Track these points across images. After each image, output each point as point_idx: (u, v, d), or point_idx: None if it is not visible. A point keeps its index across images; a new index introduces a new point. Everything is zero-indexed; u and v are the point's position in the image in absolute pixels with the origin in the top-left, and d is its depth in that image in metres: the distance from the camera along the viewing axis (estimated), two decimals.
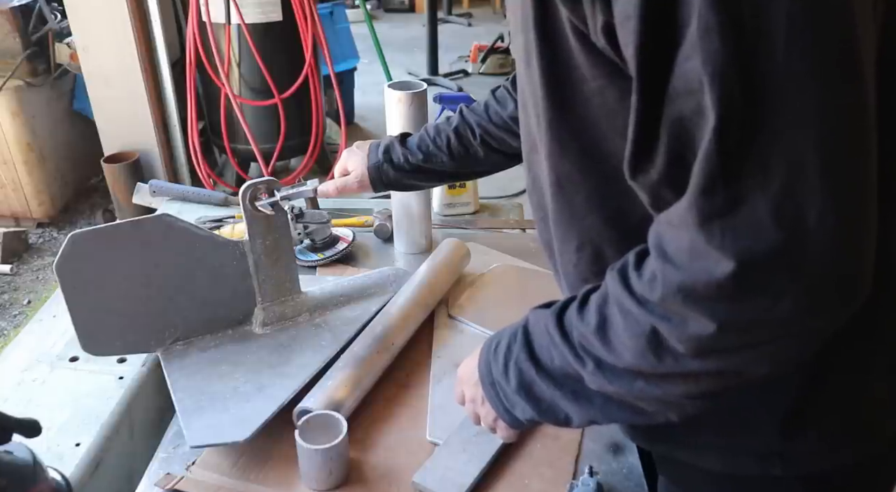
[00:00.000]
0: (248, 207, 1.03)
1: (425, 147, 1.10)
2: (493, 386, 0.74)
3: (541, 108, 0.65)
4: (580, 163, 0.66)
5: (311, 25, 2.75)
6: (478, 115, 1.10)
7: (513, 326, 0.74)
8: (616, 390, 0.63)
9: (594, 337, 0.61)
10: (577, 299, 0.65)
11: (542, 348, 0.68)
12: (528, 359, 0.69)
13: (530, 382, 0.69)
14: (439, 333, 1.14)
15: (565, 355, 0.64)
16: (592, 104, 0.61)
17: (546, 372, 0.68)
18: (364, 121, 4.51)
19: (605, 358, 0.61)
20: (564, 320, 0.65)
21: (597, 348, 0.61)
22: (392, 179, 1.12)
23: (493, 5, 7.66)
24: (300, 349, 1.04)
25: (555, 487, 0.87)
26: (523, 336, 0.70)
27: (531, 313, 0.71)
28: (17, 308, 2.76)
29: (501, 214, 1.59)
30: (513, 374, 0.70)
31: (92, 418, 0.99)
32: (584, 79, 0.59)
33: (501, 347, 0.73)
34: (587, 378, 0.64)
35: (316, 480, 0.86)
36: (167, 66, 2.89)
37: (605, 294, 0.61)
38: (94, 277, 0.95)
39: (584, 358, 0.63)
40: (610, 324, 0.59)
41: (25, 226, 3.24)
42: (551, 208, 0.73)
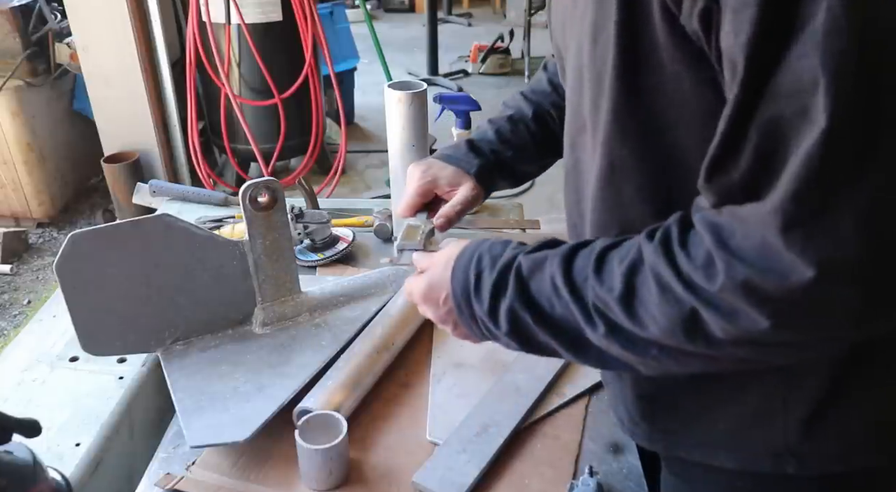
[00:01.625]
0: (248, 206, 1.03)
1: (510, 143, 1.01)
2: (475, 319, 0.71)
3: (606, 89, 0.62)
4: (639, 151, 0.64)
5: (311, 25, 2.74)
6: (548, 96, 1.03)
7: (491, 254, 0.70)
8: (623, 354, 0.61)
9: (617, 304, 0.58)
10: (592, 256, 0.62)
11: (540, 295, 0.65)
12: (523, 306, 0.65)
13: (525, 328, 0.66)
14: (439, 333, 1.14)
15: (571, 310, 0.62)
16: (665, 90, 0.59)
17: (544, 320, 0.65)
18: (364, 121, 4.51)
19: (624, 325, 0.59)
20: (574, 273, 0.62)
21: (616, 315, 0.59)
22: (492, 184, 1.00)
23: (493, 5, 7.66)
24: (300, 349, 1.04)
25: (555, 487, 0.87)
26: (517, 282, 0.66)
27: (524, 259, 0.67)
28: (17, 308, 2.76)
29: (501, 214, 1.59)
30: (504, 318, 0.67)
31: (92, 418, 0.99)
32: (662, 63, 0.57)
33: (485, 283, 0.69)
34: (592, 337, 0.62)
35: (316, 480, 0.86)
36: (167, 66, 2.89)
37: (636, 261, 0.58)
38: (94, 277, 0.95)
39: (596, 320, 0.61)
40: (639, 295, 0.57)
41: (25, 226, 3.24)
42: (593, 194, 0.71)
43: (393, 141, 1.26)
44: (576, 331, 0.63)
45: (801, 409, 0.70)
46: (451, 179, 0.98)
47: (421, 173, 0.99)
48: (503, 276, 0.67)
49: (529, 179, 1.12)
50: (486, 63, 5.48)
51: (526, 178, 1.08)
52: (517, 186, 1.09)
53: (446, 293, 0.73)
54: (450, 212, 0.96)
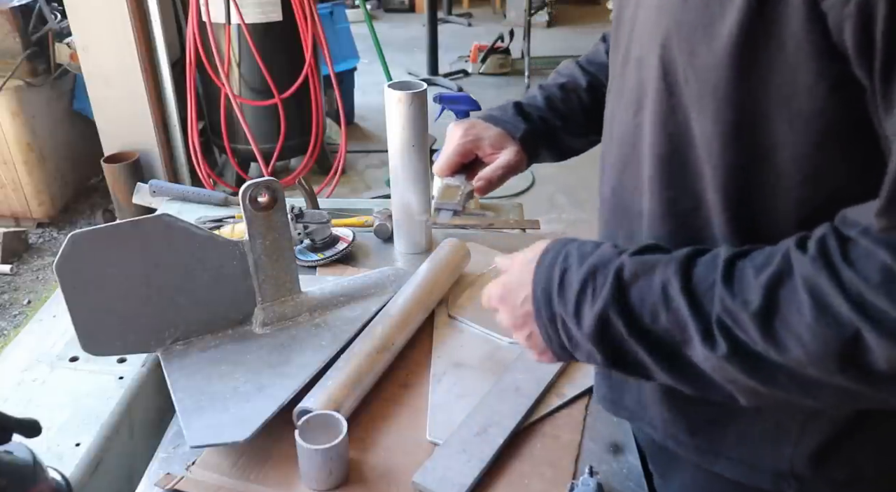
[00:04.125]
0: (248, 206, 1.03)
1: (559, 111, 0.96)
2: (554, 322, 0.65)
3: (711, 78, 0.57)
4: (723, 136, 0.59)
5: (311, 25, 2.74)
6: (605, 68, 0.96)
7: (580, 252, 0.64)
8: (738, 378, 0.55)
9: (752, 320, 0.52)
10: (718, 264, 0.56)
11: (642, 303, 0.58)
12: (618, 313, 0.59)
13: (614, 337, 0.60)
14: (439, 333, 1.14)
15: (682, 323, 0.56)
16: (780, 79, 0.53)
17: (641, 332, 0.59)
18: (364, 121, 4.51)
19: (755, 346, 0.53)
20: (694, 282, 0.56)
21: (748, 333, 0.53)
22: (537, 151, 0.95)
23: (493, 5, 7.67)
24: (300, 349, 1.04)
25: (555, 487, 0.87)
26: (615, 284, 0.60)
27: (628, 260, 0.60)
28: (17, 308, 2.76)
29: (501, 214, 1.59)
30: (590, 322, 0.61)
31: (92, 418, 0.99)
32: (794, 64, 0.52)
33: (571, 284, 0.63)
34: (700, 357, 0.56)
35: (316, 480, 0.86)
36: (167, 66, 2.89)
37: (781, 273, 0.52)
38: (94, 277, 0.95)
39: (717, 337, 0.54)
40: (782, 312, 0.51)
41: (25, 226, 3.24)
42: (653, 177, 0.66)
43: (393, 141, 1.26)
44: (677, 347, 0.58)
45: (816, 436, 0.68)
46: (494, 140, 0.92)
47: (463, 132, 0.93)
48: (593, 276, 0.62)
49: (573, 155, 1.06)
50: (486, 63, 5.48)
51: (570, 153, 1.03)
52: (560, 159, 1.04)
53: (526, 294, 0.67)
54: (491, 175, 0.91)
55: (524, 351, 0.74)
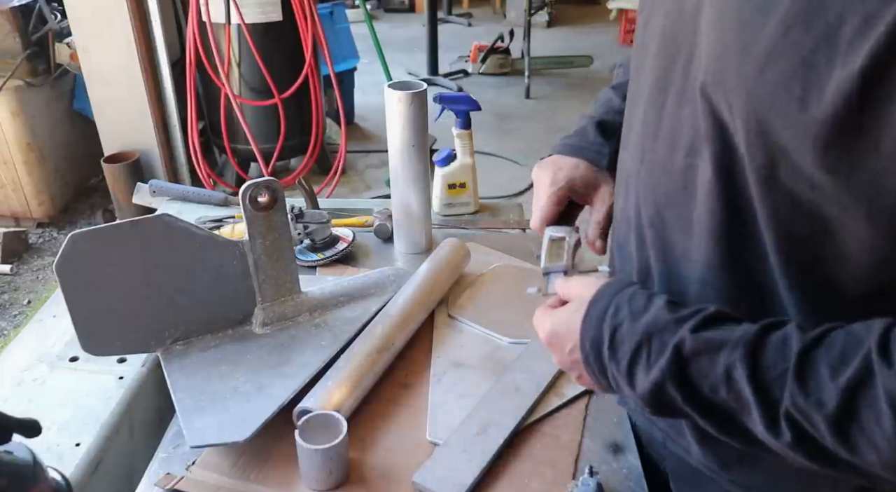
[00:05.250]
0: (248, 206, 1.03)
1: None
2: (604, 373, 0.64)
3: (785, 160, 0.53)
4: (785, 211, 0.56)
5: (311, 25, 2.75)
6: None
7: (631, 308, 0.62)
8: (800, 460, 0.54)
9: (825, 421, 0.50)
10: (791, 354, 0.53)
11: (702, 378, 0.57)
12: (676, 385, 0.58)
13: (669, 402, 0.59)
14: (439, 333, 1.14)
15: (746, 404, 0.54)
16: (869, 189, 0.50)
17: (698, 400, 0.58)
18: (364, 121, 4.51)
19: (825, 443, 0.51)
20: (761, 370, 0.54)
21: (819, 432, 0.51)
22: None
23: (493, 5, 7.67)
24: (300, 349, 1.04)
25: (555, 487, 0.87)
26: (673, 359, 0.58)
27: (690, 339, 0.57)
28: (17, 308, 2.76)
29: (501, 214, 1.59)
30: (643, 387, 0.60)
31: (92, 418, 0.99)
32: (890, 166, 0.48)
33: (623, 344, 0.61)
34: (765, 437, 0.54)
35: (316, 480, 0.86)
36: (167, 66, 2.89)
37: (861, 378, 0.50)
38: (94, 277, 0.95)
39: (784, 428, 0.53)
40: (860, 419, 0.49)
41: (25, 226, 3.24)
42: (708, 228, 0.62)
43: (393, 141, 1.26)
44: (734, 416, 0.56)
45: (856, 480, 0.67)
46: (585, 178, 0.86)
47: (552, 179, 0.87)
48: (648, 341, 0.60)
49: None
50: (486, 63, 5.48)
51: None
52: None
53: (573, 344, 0.66)
54: (601, 220, 0.86)
55: (524, 351, 0.73)
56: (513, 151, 4.09)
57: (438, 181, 1.54)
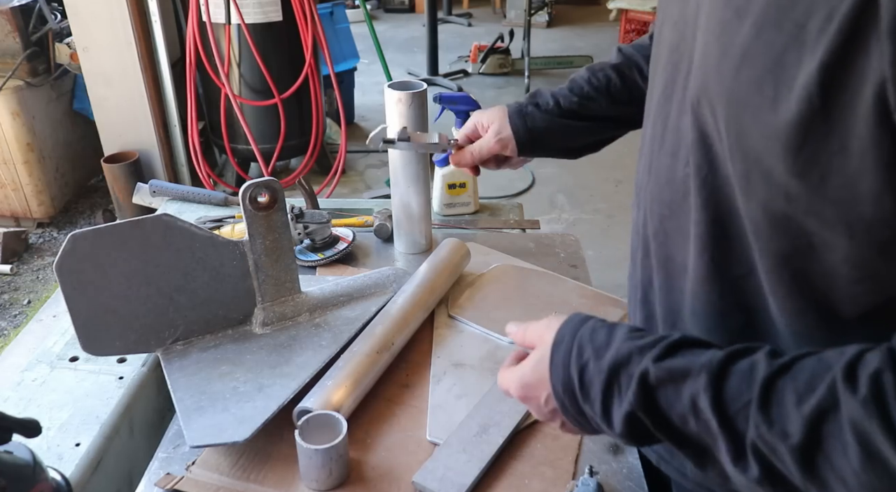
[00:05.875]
0: (248, 206, 1.03)
1: (579, 89, 0.95)
2: (583, 415, 0.63)
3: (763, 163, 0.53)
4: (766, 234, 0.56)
5: (311, 25, 2.75)
6: (647, 50, 0.94)
7: (593, 344, 0.61)
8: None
9: (791, 455, 0.48)
10: (755, 384, 0.50)
11: (670, 408, 0.55)
12: (646, 414, 0.57)
13: (645, 433, 0.58)
14: (439, 333, 1.14)
15: (714, 436, 0.52)
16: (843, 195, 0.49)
17: (670, 431, 0.56)
18: (364, 121, 4.52)
19: (792, 479, 0.49)
20: (726, 400, 0.51)
21: (785, 465, 0.49)
22: (540, 129, 0.95)
23: (493, 5, 7.66)
24: (300, 349, 1.04)
25: (555, 487, 0.87)
26: (640, 390, 0.56)
27: (654, 369, 0.56)
28: (17, 308, 2.76)
29: (501, 214, 1.59)
30: (620, 422, 0.58)
31: (92, 418, 0.99)
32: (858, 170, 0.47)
33: (593, 384, 0.60)
34: (733, 473, 0.52)
35: (316, 480, 0.86)
36: (167, 66, 2.89)
37: (825, 408, 0.47)
38: (94, 277, 0.95)
39: (750, 461, 0.50)
40: (826, 451, 0.47)
41: (25, 226, 3.24)
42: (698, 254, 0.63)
43: None
44: (708, 449, 0.54)
45: None
46: (490, 115, 0.97)
47: (474, 114, 1.02)
48: (616, 376, 0.58)
49: (598, 137, 1.02)
50: (486, 63, 5.48)
51: (594, 132, 1.00)
52: (569, 154, 1.02)
53: (547, 393, 0.64)
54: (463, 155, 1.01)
55: None
56: None
57: (438, 181, 1.54)
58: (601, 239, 3.21)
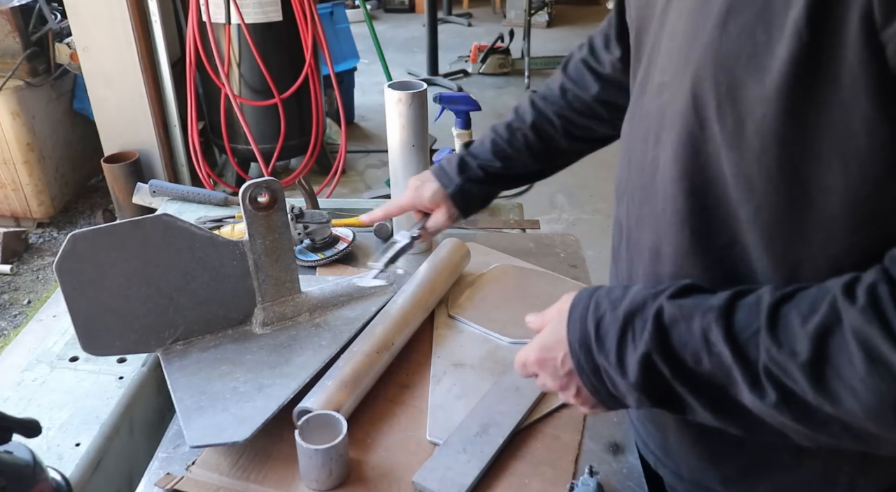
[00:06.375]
0: (248, 206, 1.03)
1: (502, 152, 1.01)
2: (598, 373, 0.63)
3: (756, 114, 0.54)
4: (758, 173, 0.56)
5: (311, 25, 2.75)
6: (555, 104, 0.99)
7: (610, 298, 0.62)
8: (791, 425, 0.54)
9: (801, 371, 0.50)
10: (762, 310, 0.53)
11: (683, 348, 0.57)
12: (661, 356, 0.58)
13: (660, 381, 0.59)
14: (439, 333, 1.14)
15: (727, 370, 0.54)
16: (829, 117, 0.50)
17: (685, 375, 0.57)
18: (364, 121, 4.51)
19: (806, 396, 0.51)
20: (736, 329, 0.54)
21: (797, 383, 0.51)
22: (478, 197, 1.04)
23: (493, 5, 7.66)
24: (300, 349, 1.04)
25: (555, 487, 0.87)
26: (655, 329, 0.58)
27: (667, 304, 0.58)
28: (17, 308, 2.76)
29: (501, 214, 1.59)
30: (635, 368, 0.59)
31: (92, 418, 0.99)
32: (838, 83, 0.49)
33: (608, 332, 0.61)
34: (752, 403, 0.54)
35: (316, 480, 0.86)
36: (167, 66, 2.89)
37: (828, 323, 0.50)
38: (94, 276, 0.95)
39: (766, 386, 0.52)
40: (834, 363, 0.49)
41: (25, 226, 3.24)
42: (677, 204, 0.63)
43: (393, 141, 1.26)
44: (723, 390, 0.56)
45: (869, 489, 0.65)
46: (433, 197, 1.05)
47: (414, 189, 1.06)
48: (631, 321, 0.60)
49: (528, 183, 1.14)
50: (486, 63, 5.48)
51: (523, 182, 1.11)
52: (515, 187, 1.12)
53: (564, 352, 0.66)
54: (428, 228, 1.07)
55: None
56: None
57: None
58: (601, 239, 3.21)
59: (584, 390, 0.67)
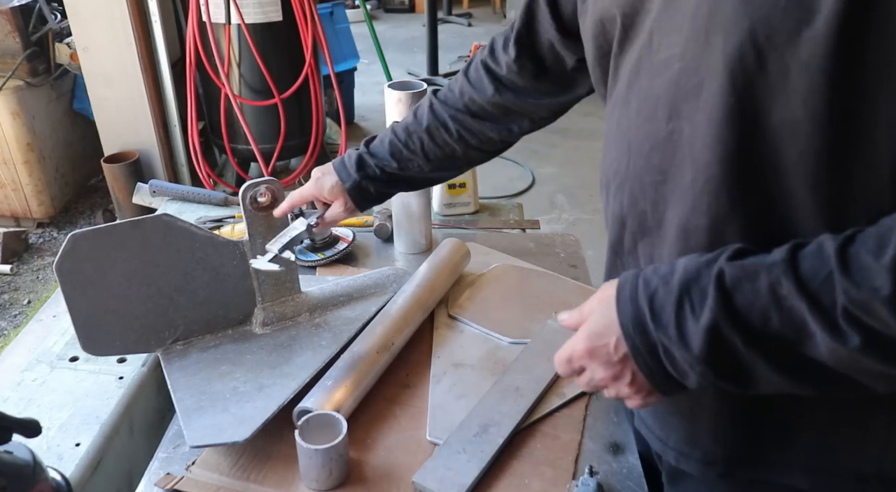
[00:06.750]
0: (248, 207, 1.03)
1: (398, 153, 1.03)
2: (655, 352, 0.61)
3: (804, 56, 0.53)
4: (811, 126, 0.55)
5: (311, 25, 2.74)
6: (451, 107, 1.00)
7: (658, 274, 0.61)
8: (876, 368, 0.53)
9: (887, 306, 0.49)
10: (830, 255, 0.52)
11: (750, 309, 0.55)
12: (729, 322, 0.56)
13: (727, 350, 0.57)
14: (439, 333, 1.14)
15: (801, 323, 0.53)
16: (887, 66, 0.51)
17: (754, 337, 0.55)
18: (364, 121, 4.51)
19: (890, 332, 0.50)
20: (805, 279, 0.53)
21: (882, 321, 0.49)
22: (374, 195, 1.06)
23: (493, 5, 7.66)
24: (300, 349, 1.04)
25: (555, 487, 0.87)
26: (719, 292, 0.56)
27: (728, 266, 0.57)
28: (17, 308, 2.76)
29: (501, 214, 1.59)
30: (698, 339, 0.57)
31: (92, 418, 0.99)
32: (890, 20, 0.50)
33: (664, 307, 0.59)
34: (831, 352, 0.53)
35: (316, 480, 0.86)
36: (167, 66, 2.89)
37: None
38: (94, 276, 0.95)
39: (847, 330, 0.51)
40: None
41: (25, 226, 3.24)
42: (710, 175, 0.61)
43: None
44: (793, 348, 0.55)
45: None
46: (331, 189, 1.05)
47: (315, 180, 1.07)
48: (687, 291, 0.58)
49: (423, 187, 1.19)
50: None
51: (418, 186, 1.14)
52: (411, 190, 1.16)
53: (616, 335, 0.63)
54: (326, 218, 1.07)
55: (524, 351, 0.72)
56: (512, 151, 4.06)
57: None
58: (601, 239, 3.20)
59: (639, 376, 0.64)
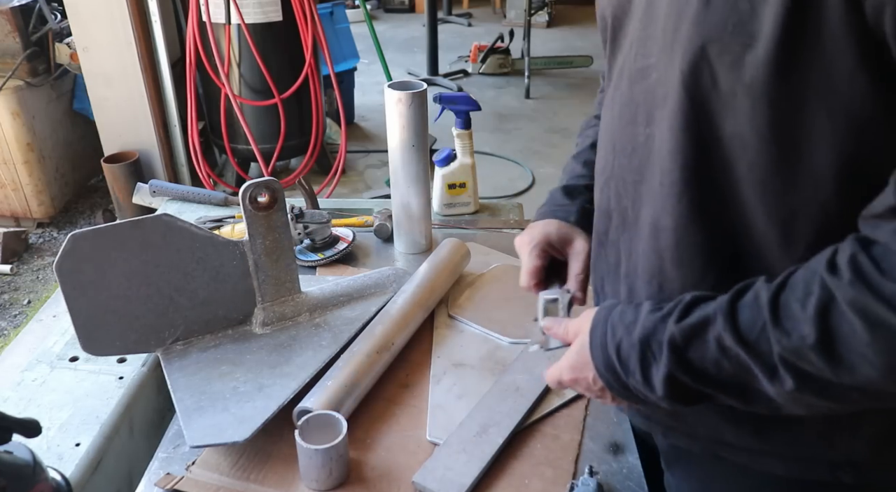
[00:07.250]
0: (248, 206, 1.03)
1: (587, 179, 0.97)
2: (627, 390, 0.69)
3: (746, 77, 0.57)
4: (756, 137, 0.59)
5: (311, 25, 2.74)
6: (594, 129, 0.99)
7: (623, 322, 0.68)
8: (815, 403, 0.58)
9: (813, 352, 0.54)
10: (763, 305, 0.57)
11: (703, 360, 0.61)
12: (684, 373, 0.63)
13: (687, 391, 0.64)
14: (439, 333, 1.14)
15: (746, 368, 0.59)
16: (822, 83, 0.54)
17: (709, 381, 0.62)
18: (364, 121, 4.51)
19: (822, 374, 0.55)
20: (743, 331, 0.58)
21: (811, 364, 0.54)
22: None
23: (493, 5, 7.66)
24: (300, 349, 1.04)
25: (555, 487, 0.87)
26: (671, 351, 0.63)
27: (676, 330, 0.63)
28: (17, 308, 2.76)
29: (501, 214, 1.59)
30: (660, 385, 0.64)
31: (92, 418, 0.99)
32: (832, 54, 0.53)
33: (630, 357, 0.66)
34: (774, 392, 0.58)
35: (316, 480, 0.86)
36: (167, 66, 2.89)
37: (824, 301, 0.54)
38: (94, 276, 0.95)
39: (783, 374, 0.56)
40: (840, 336, 0.53)
41: (25, 226, 3.24)
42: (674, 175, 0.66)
43: (393, 141, 1.26)
44: (748, 384, 0.60)
45: (880, 421, 0.68)
46: (559, 233, 0.92)
47: (529, 238, 0.92)
48: (648, 346, 0.65)
49: None
50: (486, 63, 5.48)
51: None
52: None
53: (593, 374, 0.72)
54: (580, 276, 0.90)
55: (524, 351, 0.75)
56: (513, 151, 4.09)
57: (438, 181, 1.54)
58: None
59: (618, 398, 0.73)
